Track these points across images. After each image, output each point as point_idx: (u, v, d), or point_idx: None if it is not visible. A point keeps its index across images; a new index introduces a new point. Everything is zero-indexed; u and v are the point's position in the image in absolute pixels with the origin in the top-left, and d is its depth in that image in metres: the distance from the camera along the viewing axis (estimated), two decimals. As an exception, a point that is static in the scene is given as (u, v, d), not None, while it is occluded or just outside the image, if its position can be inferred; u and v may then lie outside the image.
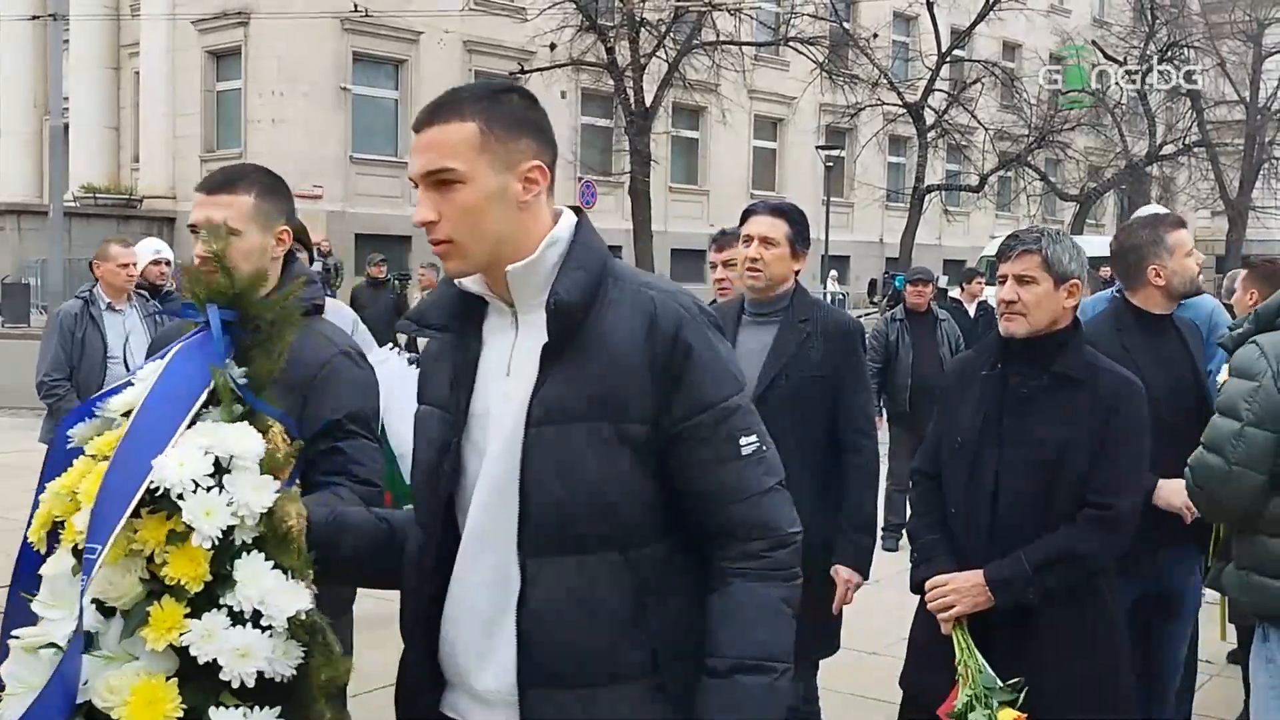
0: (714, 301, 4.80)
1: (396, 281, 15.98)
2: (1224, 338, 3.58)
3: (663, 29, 28.06)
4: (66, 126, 27.90)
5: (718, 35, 28.94)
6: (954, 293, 11.72)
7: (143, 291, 7.15)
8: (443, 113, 2.21)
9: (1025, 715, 3.10)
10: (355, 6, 28.68)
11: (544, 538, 2.06)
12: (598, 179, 31.10)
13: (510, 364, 2.14)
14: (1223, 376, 3.81)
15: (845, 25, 34.02)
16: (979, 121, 33.44)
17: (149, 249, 7.33)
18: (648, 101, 28.10)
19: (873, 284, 37.82)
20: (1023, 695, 3.12)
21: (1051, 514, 3.22)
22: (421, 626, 2.18)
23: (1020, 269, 3.29)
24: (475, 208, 2.11)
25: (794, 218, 4.06)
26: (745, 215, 4.11)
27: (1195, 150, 39.00)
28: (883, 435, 8.95)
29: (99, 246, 6.99)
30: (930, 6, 32.01)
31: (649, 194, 28.36)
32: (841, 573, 3.99)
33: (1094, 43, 38.17)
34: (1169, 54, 36.61)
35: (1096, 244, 34.15)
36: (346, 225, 28.47)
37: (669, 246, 33.61)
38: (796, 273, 4.09)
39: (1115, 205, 42.72)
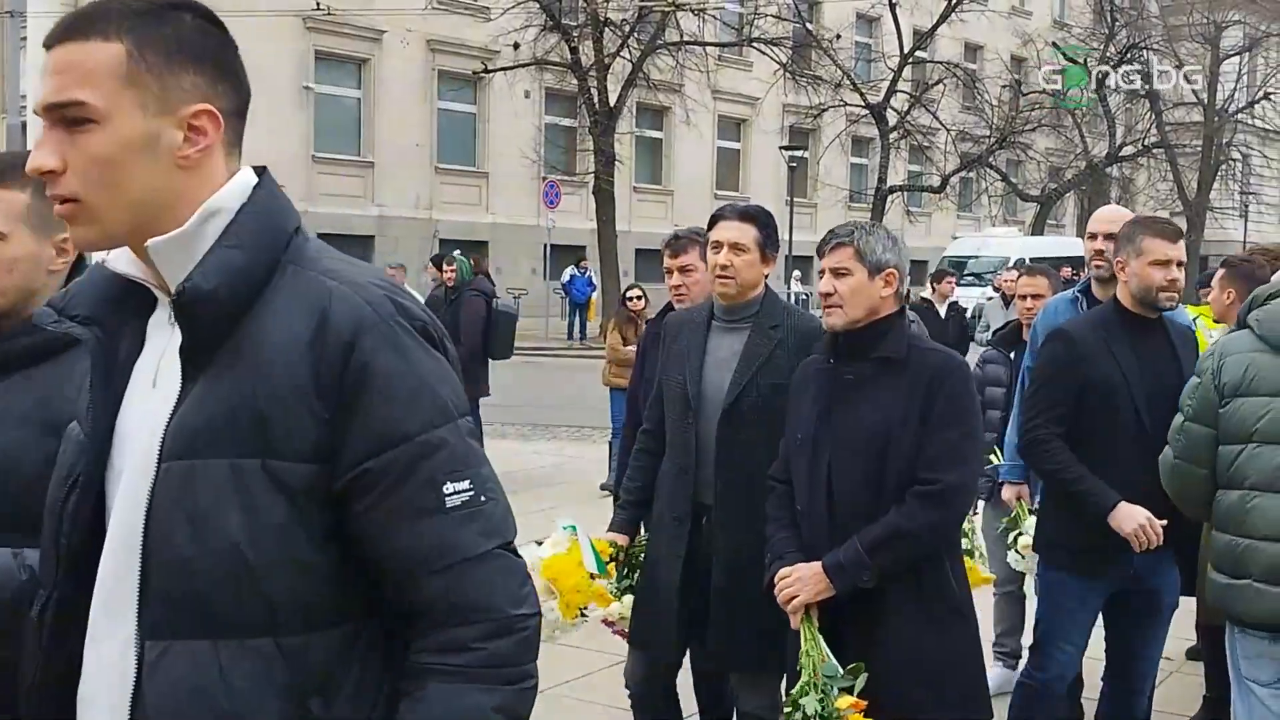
0: (671, 306, 4.73)
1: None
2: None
3: (626, 29, 28.07)
4: (24, 124, 27.54)
5: (681, 35, 28.97)
6: (924, 292, 11.77)
7: None
8: (81, 26, 1.58)
9: (864, 702, 3.12)
10: (317, 5, 28.51)
11: (167, 612, 1.55)
12: (562, 179, 31.05)
13: (157, 374, 1.64)
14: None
15: (808, 26, 34.13)
16: (941, 122, 33.63)
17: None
18: (612, 101, 28.09)
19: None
20: (860, 680, 3.15)
21: (884, 497, 3.26)
22: (48, 709, 1.68)
23: (835, 262, 3.36)
24: (112, 158, 1.56)
25: (763, 221, 3.99)
26: (713, 221, 4.00)
27: (1154, 152, 39.42)
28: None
29: None
30: (893, 8, 32.16)
31: (613, 194, 28.37)
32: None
33: (1055, 44, 38.47)
34: (1128, 56, 36.96)
35: (1058, 244, 34.41)
36: (308, 224, 27.74)
37: (633, 246, 33.60)
38: (766, 276, 4.01)
39: (1075, 206, 43.08)
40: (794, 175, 32.32)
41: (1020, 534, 4.72)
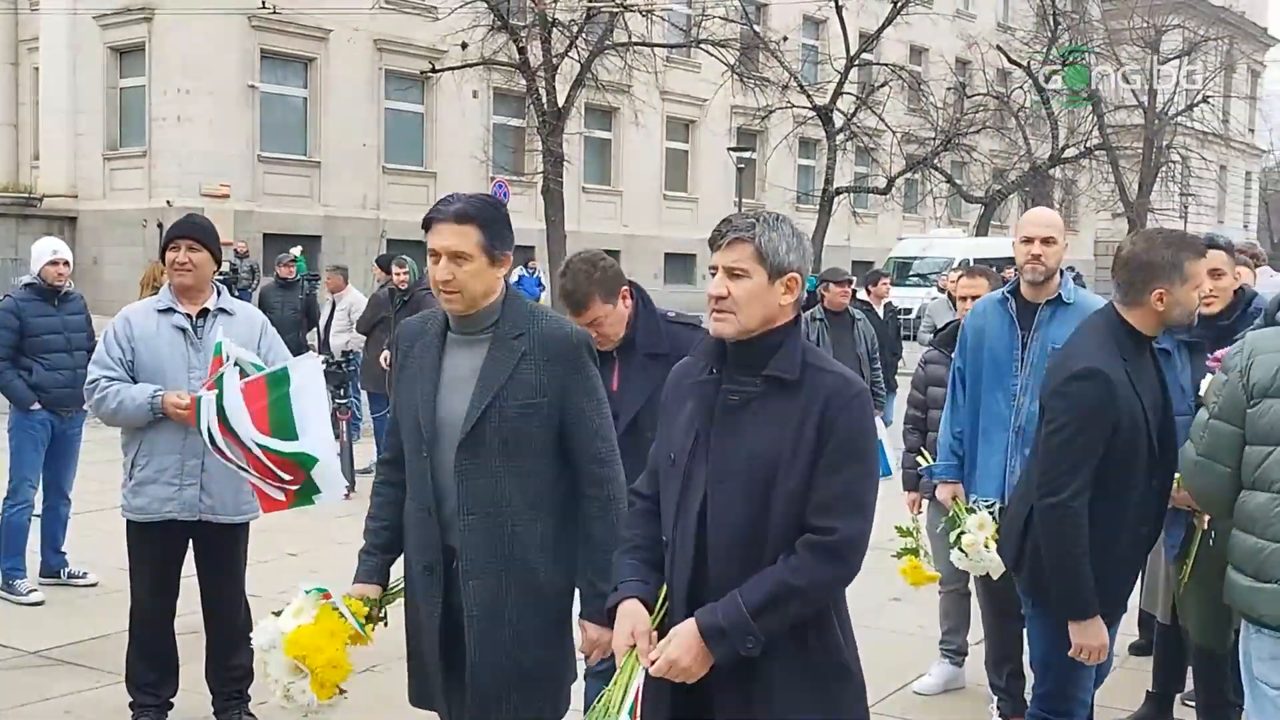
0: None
1: (306, 282, 15.77)
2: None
3: (574, 29, 28.03)
4: None
5: (629, 36, 28.98)
6: (860, 294, 11.86)
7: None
8: None
9: None
10: (263, 3, 28.27)
11: None
12: (510, 179, 30.98)
13: None
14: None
15: (755, 28, 34.26)
16: (886, 124, 33.87)
17: (47, 249, 7.20)
18: (560, 102, 28.05)
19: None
20: None
21: (767, 543, 2.77)
22: None
23: (731, 260, 2.83)
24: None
25: (485, 219, 3.31)
26: (426, 224, 3.33)
27: (1096, 153, 39.95)
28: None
29: None
30: (839, 10, 32.35)
31: (562, 194, 28.32)
32: (589, 631, 3.33)
33: (998, 47, 38.91)
34: (1071, 59, 37.43)
35: (1002, 245, 34.82)
36: (255, 225, 28.07)
37: (582, 247, 33.28)
38: (505, 278, 3.41)
39: (1019, 207, 43.50)
40: (742, 176, 32.45)
41: (963, 532, 4.72)
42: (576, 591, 3.46)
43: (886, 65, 35.40)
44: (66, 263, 7.21)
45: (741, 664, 2.74)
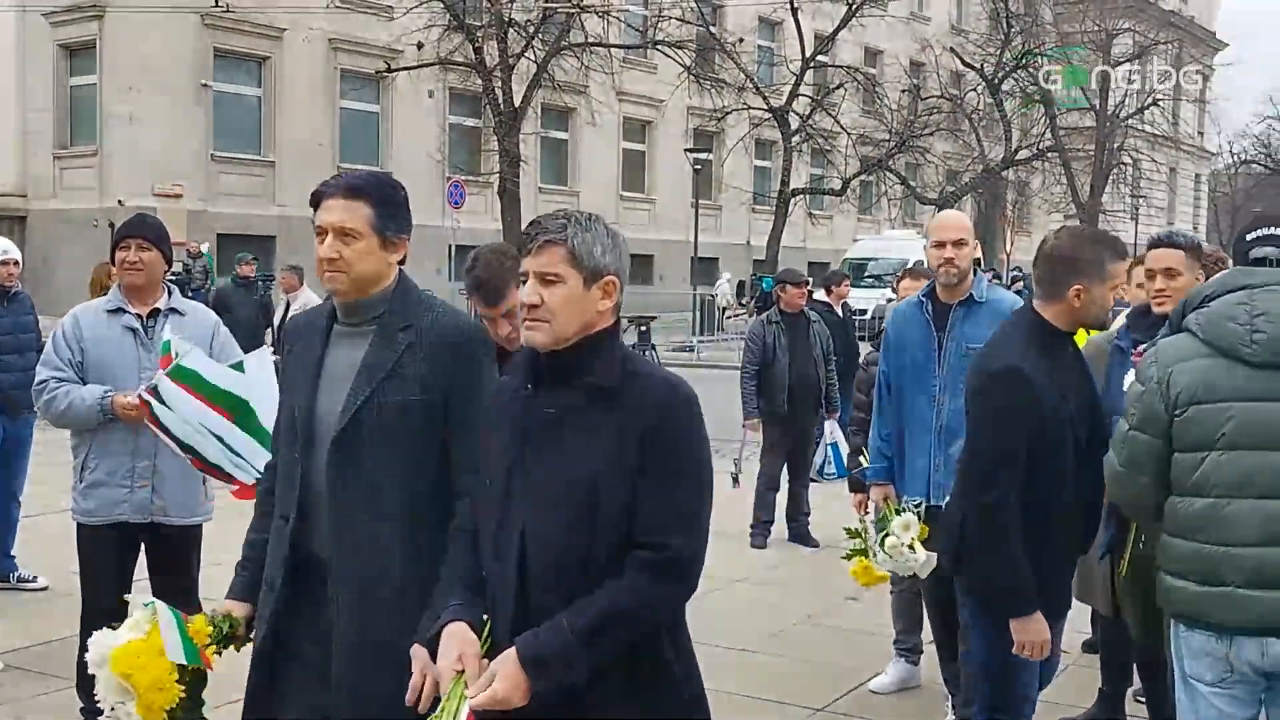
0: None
1: (262, 282, 15.67)
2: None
3: (531, 29, 28.00)
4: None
5: (586, 37, 28.99)
6: (819, 294, 11.91)
7: None
8: None
9: None
10: (216, 2, 28.04)
11: None
12: (466, 179, 30.88)
13: None
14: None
15: (711, 29, 34.35)
16: (842, 126, 34.08)
17: (-3, 249, 7.11)
18: (516, 102, 28.01)
19: (741, 286, 38.27)
20: None
21: (592, 566, 2.56)
22: None
23: (542, 265, 2.63)
24: None
25: (381, 196, 3.08)
26: (315, 199, 3.11)
27: (1049, 155, 40.36)
28: (756, 436, 9.18)
29: None
30: (794, 12, 32.51)
31: (518, 194, 28.28)
32: (418, 655, 2.75)
33: (952, 50, 39.23)
34: (1024, 61, 37.83)
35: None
36: (208, 224, 27.81)
37: (538, 248, 33.53)
38: (401, 263, 3.14)
39: (973, 209, 43.89)
40: (699, 177, 32.51)
41: (887, 534, 4.72)
42: None
43: (841, 67, 35.62)
44: (16, 263, 7.13)
45: (567, 694, 2.52)
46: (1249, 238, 3.34)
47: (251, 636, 3.16)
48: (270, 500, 3.21)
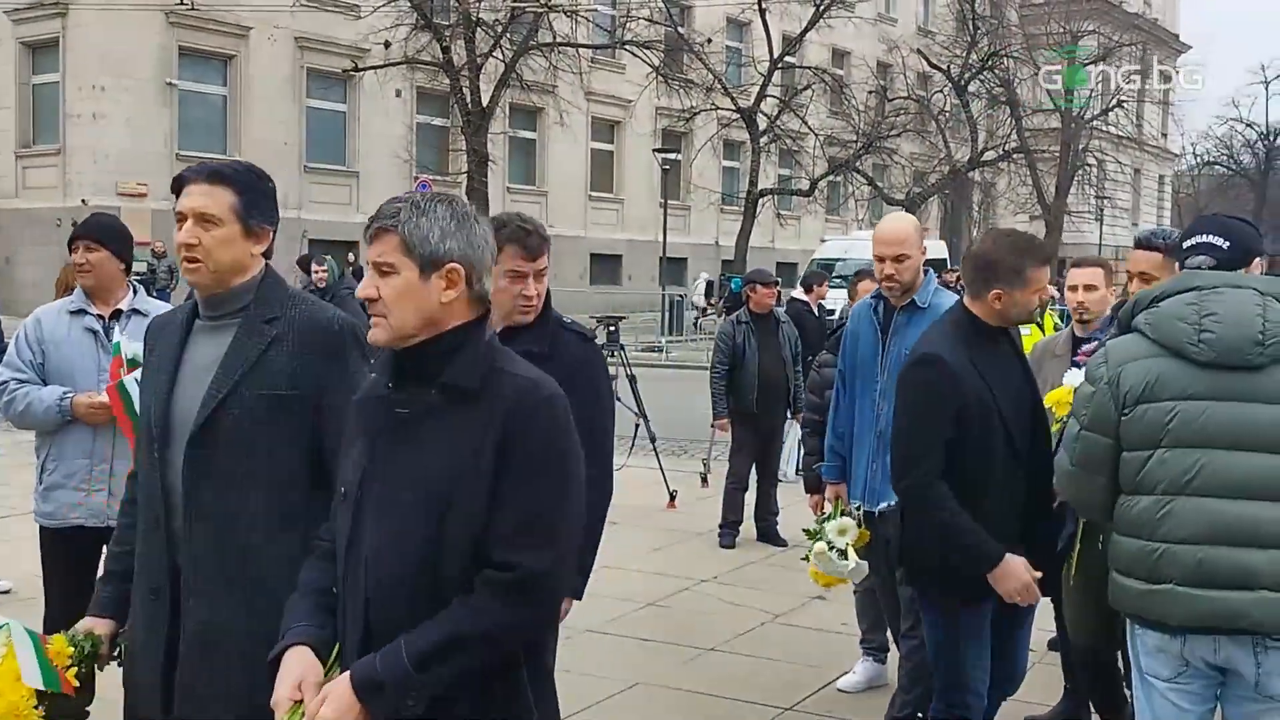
0: None
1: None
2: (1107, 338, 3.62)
3: (499, 29, 27.95)
4: None
5: (554, 36, 28.96)
6: (796, 294, 11.93)
7: None
8: None
9: None
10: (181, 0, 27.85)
11: None
12: (434, 179, 30.76)
13: None
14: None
15: (680, 30, 34.39)
16: (809, 127, 34.19)
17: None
18: (484, 102, 27.95)
19: (710, 286, 38.34)
20: None
21: (442, 583, 2.34)
22: None
23: (377, 254, 2.43)
24: None
25: (244, 183, 2.92)
26: (177, 185, 2.95)
27: (1014, 157, 40.61)
28: (726, 435, 9.20)
29: None
30: (762, 13, 32.58)
31: (487, 195, 28.22)
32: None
33: (919, 51, 39.42)
34: (990, 63, 38.06)
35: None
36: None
37: (506, 248, 33.46)
38: (267, 255, 2.99)
39: (939, 209, 44.13)
40: (667, 177, 32.53)
41: (818, 538, 4.71)
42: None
43: (809, 68, 35.73)
44: None
45: None
46: (1185, 245, 3.39)
47: (116, 655, 2.95)
48: (133, 510, 2.99)
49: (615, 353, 10.20)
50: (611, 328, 10.36)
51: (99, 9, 27.14)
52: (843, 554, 4.59)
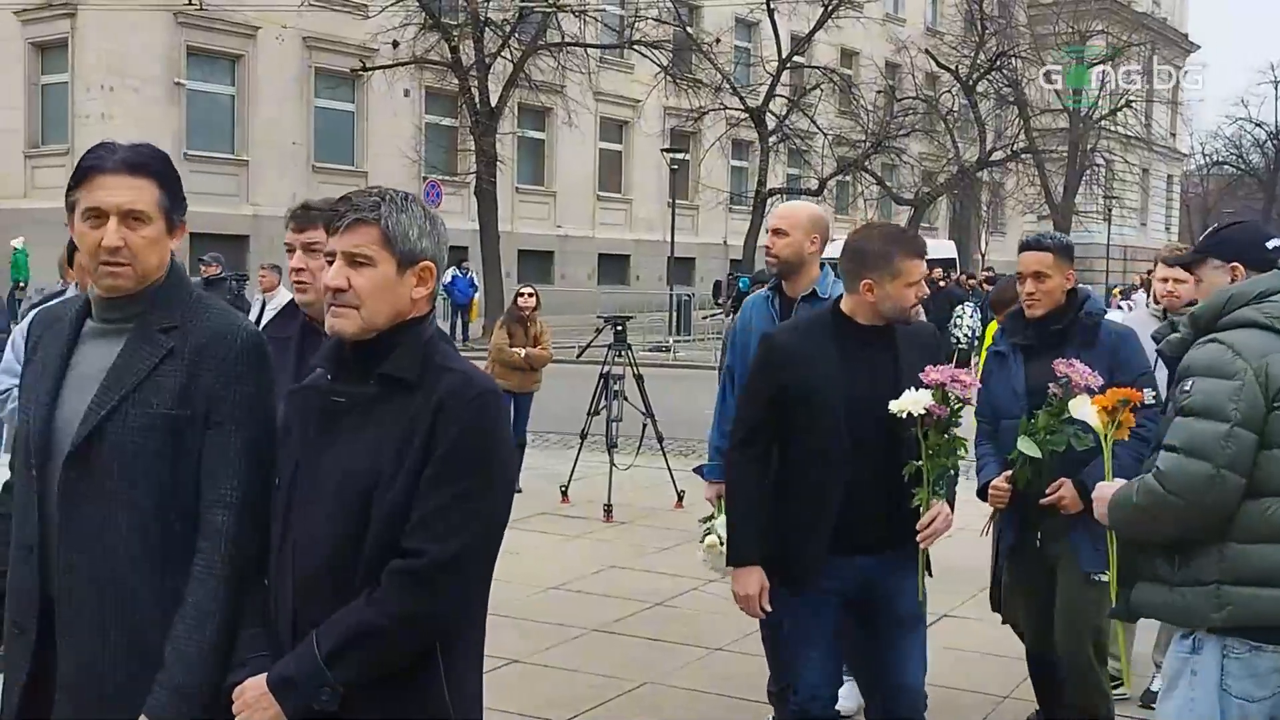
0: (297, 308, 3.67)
1: (234, 282, 15.58)
2: (1164, 345, 3.38)
3: (507, 29, 27.97)
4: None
5: (563, 36, 28.97)
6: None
7: None
8: None
9: None
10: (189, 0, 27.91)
11: None
12: (443, 179, 30.81)
13: None
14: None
15: (688, 30, 34.38)
16: (818, 127, 34.16)
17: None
18: (493, 101, 27.96)
19: (717, 285, 38.29)
20: None
21: (359, 573, 2.33)
22: None
23: (351, 244, 2.40)
24: None
25: (165, 174, 2.66)
26: (82, 175, 2.62)
27: (1023, 156, 40.54)
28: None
29: None
30: (771, 13, 32.55)
31: (495, 195, 28.23)
32: None
33: (927, 51, 39.38)
34: (998, 63, 38.00)
35: (930, 246, 35.47)
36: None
37: (516, 247, 33.48)
38: (173, 256, 2.72)
39: (948, 209, 44.10)
40: (676, 177, 32.52)
41: (709, 532, 4.55)
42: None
43: (818, 68, 35.69)
44: None
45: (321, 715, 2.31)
46: (1270, 245, 3.34)
47: None
48: (5, 528, 2.66)
49: (622, 352, 10.20)
50: (619, 327, 10.36)
51: (107, 9, 27.20)
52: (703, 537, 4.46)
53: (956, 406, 3.67)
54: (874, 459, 3.72)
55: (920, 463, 3.67)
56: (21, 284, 24.65)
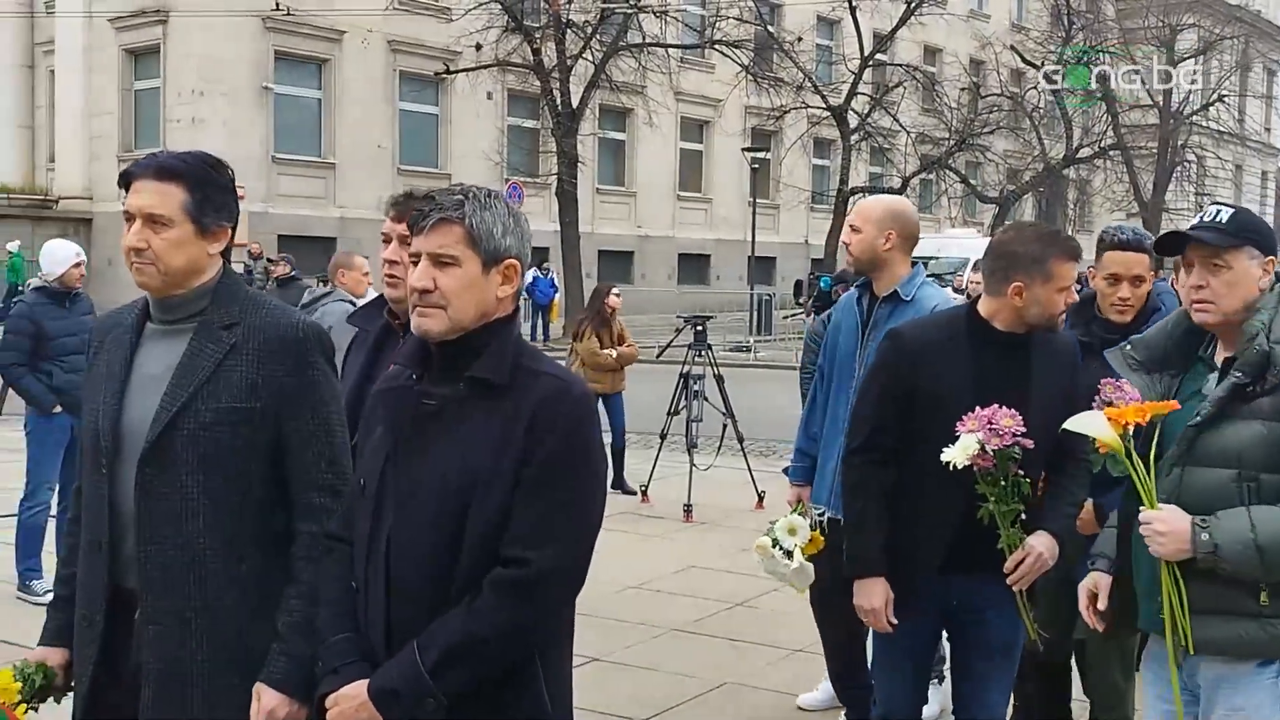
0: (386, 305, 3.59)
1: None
2: (1242, 364, 2.99)
3: (589, 30, 28.08)
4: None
5: (643, 37, 29.02)
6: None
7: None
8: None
9: None
10: (276, 5, 28.38)
11: None
12: (524, 180, 31.02)
13: None
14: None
15: (770, 29, 34.25)
16: (901, 125, 33.86)
17: (70, 252, 7.25)
18: (574, 103, 28.09)
19: (798, 285, 38.11)
20: None
21: (457, 581, 2.32)
22: None
23: (437, 245, 2.38)
24: None
25: (196, 178, 2.69)
26: (125, 180, 2.71)
27: (1111, 153, 39.85)
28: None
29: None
30: (853, 11, 32.32)
31: (576, 196, 28.36)
32: (264, 698, 2.56)
33: (1012, 47, 38.86)
34: (1085, 59, 37.35)
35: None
36: (269, 226, 28.11)
37: (596, 248, 33.60)
38: (226, 253, 2.78)
39: (1034, 207, 43.44)
40: (756, 176, 32.43)
41: (768, 533, 4.28)
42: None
43: (900, 65, 35.36)
44: (84, 265, 7.31)
45: None
46: None
47: (73, 685, 2.77)
48: (77, 529, 2.79)
49: (702, 353, 10.20)
50: (699, 327, 10.36)
51: (198, 16, 27.77)
52: (788, 554, 4.18)
53: (1005, 452, 3.29)
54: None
55: (990, 506, 3.36)
56: (20, 286, 25.28)
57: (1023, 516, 3.42)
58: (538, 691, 2.37)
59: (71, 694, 2.76)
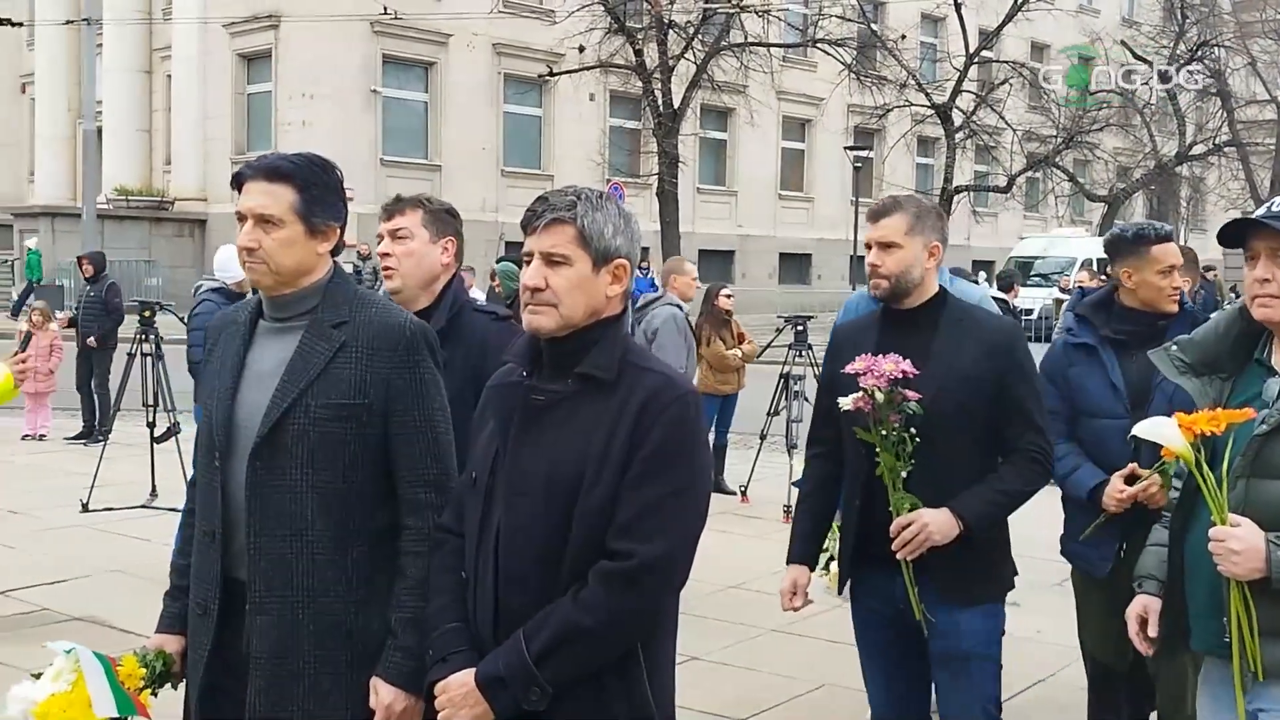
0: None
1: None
2: None
3: (691, 30, 28.09)
4: (100, 129, 28.20)
5: (745, 36, 28.94)
6: (994, 292, 11.74)
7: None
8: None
9: None
10: (384, 9, 28.86)
11: None
12: (626, 180, 31.15)
13: None
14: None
15: (873, 27, 33.94)
16: (1007, 122, 33.30)
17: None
18: (675, 103, 28.13)
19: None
20: None
21: (563, 570, 2.37)
22: None
23: (549, 245, 2.44)
24: None
25: (306, 179, 2.76)
26: (238, 182, 2.79)
27: (1225, 150, 38.79)
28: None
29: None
30: (958, 8, 31.88)
31: (676, 195, 28.40)
32: (381, 691, 2.64)
33: (1123, 43, 38.01)
34: (1199, 53, 36.42)
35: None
36: (377, 228, 28.63)
37: (696, 247, 33.63)
38: (335, 252, 2.85)
39: (1144, 206, 42.50)
40: (859, 175, 32.22)
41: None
42: None
43: (1007, 62, 34.81)
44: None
45: (526, 718, 2.35)
46: None
47: (187, 673, 2.85)
48: (193, 520, 2.88)
49: (803, 353, 10.18)
50: (799, 327, 10.35)
51: (308, 21, 28.37)
52: (827, 562, 4.15)
53: (885, 400, 3.26)
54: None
55: (880, 461, 3.31)
56: (37, 282, 25.99)
57: (903, 476, 3.33)
58: (641, 687, 2.41)
59: (184, 681, 2.86)
